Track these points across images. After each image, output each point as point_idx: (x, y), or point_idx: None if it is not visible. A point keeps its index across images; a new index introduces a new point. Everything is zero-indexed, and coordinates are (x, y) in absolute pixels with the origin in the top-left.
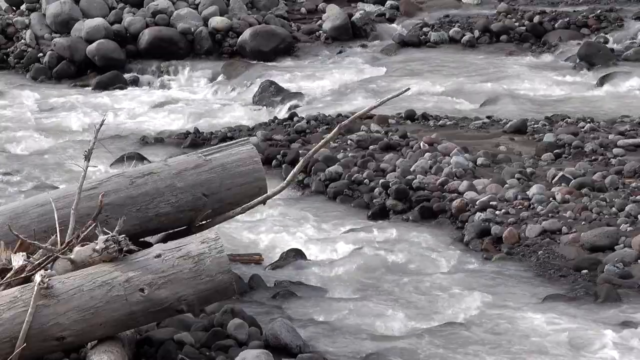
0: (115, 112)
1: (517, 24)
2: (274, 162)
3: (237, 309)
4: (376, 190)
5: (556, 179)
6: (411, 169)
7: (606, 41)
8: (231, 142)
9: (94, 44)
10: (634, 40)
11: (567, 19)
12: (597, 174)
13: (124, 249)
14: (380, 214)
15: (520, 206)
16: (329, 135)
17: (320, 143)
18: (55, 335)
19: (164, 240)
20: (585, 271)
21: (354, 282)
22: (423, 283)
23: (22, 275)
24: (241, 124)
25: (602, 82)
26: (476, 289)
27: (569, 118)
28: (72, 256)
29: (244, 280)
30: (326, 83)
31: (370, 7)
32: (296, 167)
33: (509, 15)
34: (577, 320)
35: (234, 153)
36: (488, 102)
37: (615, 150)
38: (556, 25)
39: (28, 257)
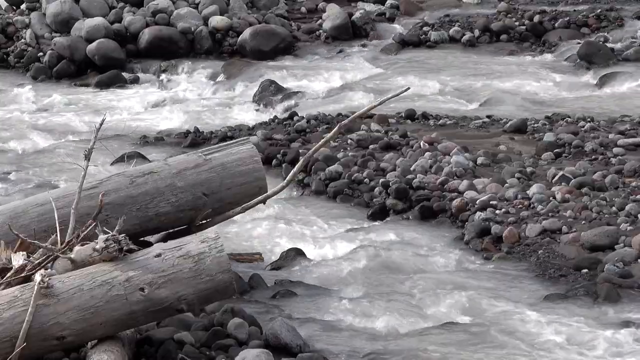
0: (116, 112)
1: (517, 23)
2: (274, 161)
3: (237, 308)
4: (376, 189)
5: (556, 178)
6: (411, 169)
7: (606, 40)
8: (231, 141)
9: (94, 44)
10: (634, 40)
11: (567, 18)
12: (597, 173)
13: (124, 248)
14: (380, 214)
15: (520, 205)
16: (329, 135)
17: (320, 142)
18: (55, 335)
19: (164, 239)
20: (585, 270)
21: (354, 281)
22: (423, 282)
23: (22, 275)
24: (241, 124)
25: (602, 81)
26: (476, 289)
27: (569, 117)
28: (72, 255)
29: (244, 280)
30: (326, 82)
31: (370, 7)
32: (296, 166)
33: (509, 15)
34: (577, 320)
35: (234, 152)
36: (488, 102)
37: (616, 150)
38: (556, 25)
39: (28, 257)
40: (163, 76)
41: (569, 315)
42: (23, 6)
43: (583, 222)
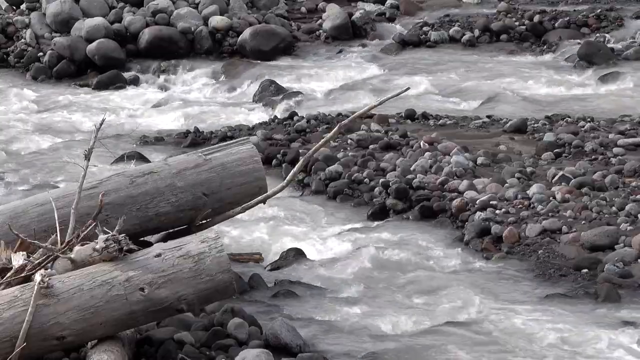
0: (115, 112)
1: (517, 23)
2: (274, 161)
3: (237, 308)
4: (376, 189)
5: (556, 178)
6: (411, 169)
7: (606, 40)
8: (231, 141)
9: (94, 44)
10: (634, 40)
11: (567, 18)
12: (597, 173)
13: (124, 248)
14: (380, 214)
15: (520, 205)
16: (329, 135)
17: (320, 142)
18: (55, 335)
19: (164, 239)
20: (585, 270)
21: (354, 281)
22: (423, 282)
23: (22, 275)
24: (241, 124)
25: (602, 81)
26: (476, 289)
27: (569, 117)
28: (72, 255)
29: (244, 280)
30: (326, 82)
31: (370, 7)
32: (296, 166)
33: (509, 15)
34: (577, 320)
35: (234, 152)
36: (488, 102)
37: (615, 150)
38: (556, 25)
39: (28, 257)
40: (163, 76)
41: (569, 315)
42: (23, 6)
43: (583, 222)
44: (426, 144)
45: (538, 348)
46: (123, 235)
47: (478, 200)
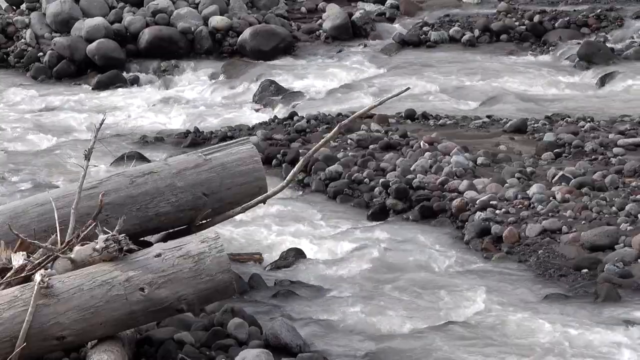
0: (115, 112)
1: (517, 23)
2: (274, 161)
3: (237, 308)
4: (376, 189)
5: (556, 178)
6: (411, 169)
7: (606, 40)
8: (231, 141)
9: (94, 43)
10: (634, 40)
11: (567, 18)
12: (597, 173)
13: (124, 248)
14: (380, 214)
15: (520, 205)
16: (329, 135)
17: (320, 142)
18: (55, 335)
19: (164, 239)
20: (585, 270)
21: (354, 281)
22: (423, 282)
23: (22, 275)
24: (241, 124)
25: (602, 81)
26: (476, 289)
27: (569, 117)
28: (72, 255)
29: (244, 280)
30: (326, 82)
31: (370, 7)
32: (296, 166)
33: (509, 15)
34: (577, 320)
35: (234, 152)
36: (488, 102)
37: (616, 150)
38: (556, 25)
39: (28, 257)
40: (163, 76)
41: (569, 315)
42: (23, 6)
43: (583, 222)
44: (426, 144)
45: (538, 348)
46: (123, 235)
47: (478, 200)
